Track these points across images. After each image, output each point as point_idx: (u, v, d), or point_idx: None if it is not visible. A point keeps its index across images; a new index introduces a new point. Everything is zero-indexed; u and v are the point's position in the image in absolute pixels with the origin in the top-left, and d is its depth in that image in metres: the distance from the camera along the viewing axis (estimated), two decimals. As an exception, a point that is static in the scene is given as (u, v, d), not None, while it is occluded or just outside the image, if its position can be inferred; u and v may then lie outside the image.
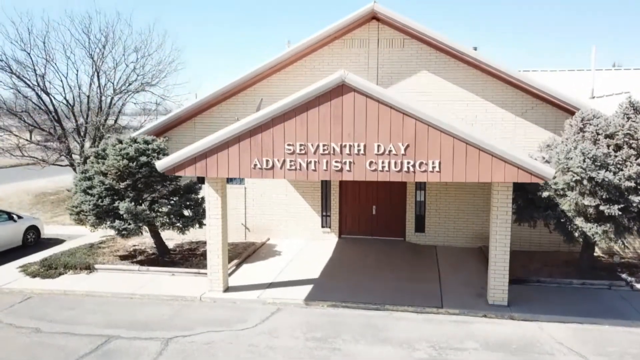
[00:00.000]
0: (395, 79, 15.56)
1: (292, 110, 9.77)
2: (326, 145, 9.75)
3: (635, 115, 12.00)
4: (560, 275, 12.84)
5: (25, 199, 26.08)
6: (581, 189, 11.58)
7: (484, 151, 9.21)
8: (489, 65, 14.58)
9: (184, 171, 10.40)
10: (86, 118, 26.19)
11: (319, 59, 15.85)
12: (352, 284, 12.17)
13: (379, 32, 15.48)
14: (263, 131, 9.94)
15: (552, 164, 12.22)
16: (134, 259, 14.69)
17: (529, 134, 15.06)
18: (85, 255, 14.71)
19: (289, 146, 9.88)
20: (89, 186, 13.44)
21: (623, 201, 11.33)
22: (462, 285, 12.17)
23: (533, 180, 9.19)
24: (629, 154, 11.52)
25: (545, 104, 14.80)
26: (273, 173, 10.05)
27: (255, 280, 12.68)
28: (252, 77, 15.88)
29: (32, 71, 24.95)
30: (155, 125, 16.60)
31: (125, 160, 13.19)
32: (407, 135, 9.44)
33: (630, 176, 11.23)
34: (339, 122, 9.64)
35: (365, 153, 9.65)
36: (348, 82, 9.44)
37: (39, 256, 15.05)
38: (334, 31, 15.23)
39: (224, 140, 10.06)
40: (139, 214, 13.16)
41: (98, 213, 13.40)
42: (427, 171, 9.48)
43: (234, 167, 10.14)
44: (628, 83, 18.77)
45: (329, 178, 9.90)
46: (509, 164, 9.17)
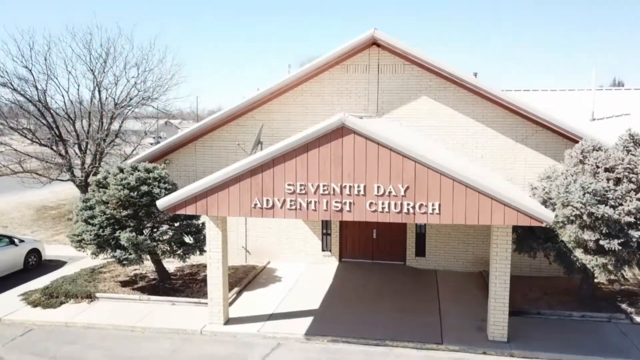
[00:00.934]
0: (396, 105, 15.58)
1: (292, 151, 9.81)
2: (326, 186, 9.79)
3: (635, 148, 12.02)
4: (561, 305, 12.86)
5: (27, 213, 26.13)
6: (581, 223, 11.61)
7: (484, 194, 9.24)
8: (488, 91, 14.61)
9: (185, 209, 10.43)
10: (87, 133, 26.25)
11: (319, 84, 15.89)
12: (352, 316, 12.20)
13: (379, 57, 15.51)
14: (264, 171, 9.97)
15: (552, 196, 12.26)
16: (135, 285, 14.73)
17: (530, 159, 15.09)
18: (86, 281, 14.75)
19: (289, 186, 9.92)
20: (90, 215, 13.47)
21: (623, 236, 11.34)
22: (462, 317, 12.19)
23: (533, 223, 9.22)
24: (628, 189, 11.54)
25: (546, 130, 14.81)
26: (273, 212, 10.09)
27: (256, 311, 12.71)
28: (253, 103, 15.94)
29: (34, 87, 25.05)
30: (156, 149, 16.67)
31: (126, 190, 13.23)
32: (407, 177, 9.47)
33: (630, 211, 11.25)
34: (339, 163, 9.67)
35: (365, 194, 9.69)
36: (348, 124, 9.47)
37: (40, 282, 15.11)
38: (334, 57, 15.28)
39: (225, 179, 10.09)
40: (140, 244, 13.19)
41: (99, 243, 13.43)
42: (426, 213, 9.51)
43: (234, 206, 10.17)
44: (628, 104, 18.79)
45: (329, 218, 9.94)
46: (508, 207, 9.20)
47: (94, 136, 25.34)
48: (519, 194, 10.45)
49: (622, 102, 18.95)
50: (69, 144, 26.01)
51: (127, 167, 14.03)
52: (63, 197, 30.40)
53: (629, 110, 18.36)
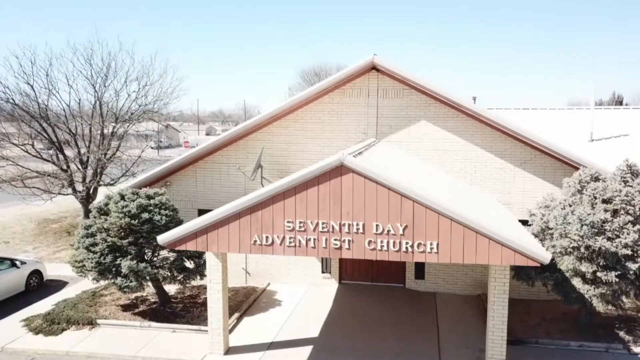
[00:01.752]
0: (395, 128, 15.67)
1: (292, 189, 9.90)
2: (325, 223, 9.88)
3: (632, 179, 12.09)
4: (559, 332, 12.95)
5: (28, 227, 26.24)
6: (578, 255, 11.68)
7: (481, 234, 9.32)
8: (487, 117, 14.70)
9: (185, 245, 10.53)
10: (88, 147, 26.36)
11: (318, 108, 15.97)
12: (351, 348, 12.26)
13: (378, 81, 15.59)
14: (263, 208, 10.06)
15: (550, 226, 12.34)
16: (136, 309, 14.83)
17: (528, 183, 15.17)
18: (87, 306, 14.85)
19: (288, 223, 10.01)
20: (91, 243, 13.56)
21: (620, 267, 11.42)
22: (460, 346, 12.27)
23: (530, 263, 9.31)
24: (625, 221, 11.61)
25: (544, 155, 14.89)
26: (273, 249, 10.18)
27: (256, 339, 12.80)
28: (253, 127, 16.05)
29: (35, 102, 25.16)
30: (156, 172, 16.76)
31: (127, 218, 13.33)
32: (406, 216, 9.56)
33: (627, 244, 11.32)
34: (338, 201, 9.76)
35: (364, 232, 9.78)
36: (347, 163, 9.56)
37: (42, 305, 15.21)
38: (334, 82, 15.39)
39: (225, 216, 10.18)
40: (141, 271, 13.29)
41: (100, 270, 13.53)
42: (425, 252, 9.59)
43: (234, 242, 10.26)
44: (628, 123, 18.87)
45: (328, 255, 10.03)
46: (506, 247, 9.28)
47: (95, 151, 25.44)
48: (517, 231, 10.54)
49: (621, 122, 19.04)
50: (70, 158, 26.14)
51: (128, 193, 14.12)
52: (64, 208, 30.49)
53: (628, 130, 18.44)
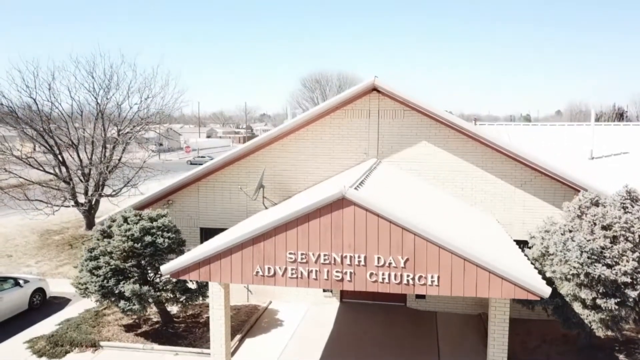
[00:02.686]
0: (396, 148, 15.77)
1: (294, 221, 9.98)
2: (327, 255, 9.96)
3: (632, 206, 12.17)
4: (559, 355, 13.04)
5: (31, 239, 26.34)
6: (578, 281, 11.76)
7: (482, 267, 9.40)
8: (486, 139, 14.79)
9: (188, 275, 10.62)
10: (90, 159, 26.51)
11: (320, 129, 16.07)
12: (353, 371, 12.38)
13: (379, 102, 15.69)
14: (265, 240, 10.15)
15: (550, 251, 12.43)
16: (139, 330, 14.94)
17: (528, 204, 15.25)
18: (90, 326, 14.95)
19: (290, 255, 10.10)
20: (94, 266, 13.66)
21: (619, 295, 11.50)
22: (461, 371, 12.38)
23: (530, 297, 9.39)
24: (625, 248, 11.69)
25: (544, 176, 14.97)
26: (275, 280, 10.27)
27: (258, 362, 12.91)
28: (255, 147, 16.18)
29: (38, 115, 25.34)
30: (159, 191, 16.87)
31: (130, 242, 13.44)
32: (407, 248, 9.64)
33: (626, 272, 11.40)
34: (339, 233, 9.85)
35: (365, 264, 9.86)
36: (348, 196, 9.65)
37: (45, 325, 15.32)
38: (335, 103, 15.51)
39: (227, 247, 10.27)
40: (144, 295, 13.39)
41: (104, 293, 13.64)
42: (426, 284, 9.68)
43: (236, 273, 10.35)
44: (628, 140, 18.94)
45: (330, 287, 10.12)
46: (506, 280, 9.36)
47: (96, 164, 25.60)
48: (517, 261, 10.61)
49: (621, 138, 19.10)
50: (72, 169, 26.31)
51: (131, 216, 14.23)
52: (66, 218, 30.57)
53: (628, 147, 18.51)
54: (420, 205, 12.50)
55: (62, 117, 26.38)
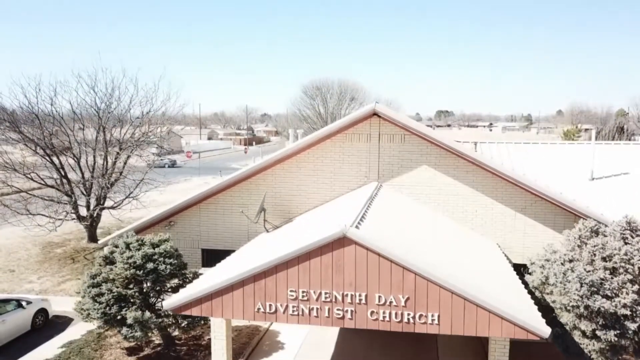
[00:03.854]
0: (396, 172, 15.84)
1: (295, 259, 10.06)
2: (328, 293, 10.04)
3: (632, 237, 12.22)
4: (559, 382, 13.09)
5: (32, 252, 26.42)
6: (577, 313, 11.83)
7: (482, 307, 9.48)
8: (487, 165, 14.86)
9: (191, 311, 10.70)
10: (92, 172, 26.62)
11: (321, 152, 16.15)
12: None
13: (380, 127, 15.75)
14: (266, 277, 10.23)
15: (550, 282, 12.49)
16: (141, 353, 15.03)
17: (528, 228, 15.33)
18: (92, 350, 15.06)
19: (291, 292, 10.18)
20: (97, 293, 13.74)
21: (619, 327, 11.57)
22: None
23: (529, 337, 9.47)
24: (625, 280, 11.75)
25: (544, 201, 15.03)
26: (276, 317, 10.35)
27: (260, 390, 12.99)
28: (257, 170, 16.26)
29: (40, 130, 25.43)
30: (161, 213, 17.00)
31: (132, 270, 13.53)
32: (407, 288, 9.72)
33: (626, 304, 11.46)
34: (340, 272, 9.93)
35: (366, 302, 9.94)
36: (349, 235, 9.72)
37: (48, 348, 15.44)
38: (337, 128, 15.60)
39: (229, 284, 10.35)
40: (146, 321, 13.48)
41: (106, 320, 13.72)
42: (426, 323, 9.76)
43: (237, 309, 10.44)
44: (628, 160, 18.94)
45: (331, 325, 10.20)
46: (506, 320, 9.44)
47: (98, 178, 25.71)
48: (517, 297, 10.68)
49: (622, 157, 19.10)
50: (74, 183, 26.44)
51: (133, 242, 14.30)
52: (68, 230, 30.62)
53: (629, 167, 18.52)
54: (420, 237, 12.57)
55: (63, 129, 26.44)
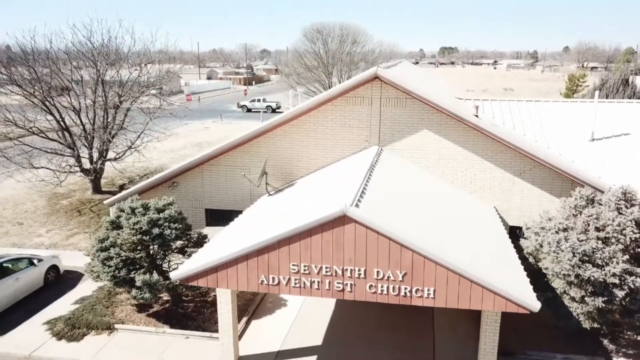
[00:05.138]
0: (397, 136, 15.90)
1: (297, 235, 10.39)
2: (329, 268, 10.45)
3: (626, 207, 12.48)
4: (549, 340, 13.81)
5: (39, 204, 26.91)
6: (568, 280, 12.33)
7: (475, 283, 9.90)
8: (487, 131, 14.89)
9: (197, 282, 11.17)
10: (93, 126, 26.62)
11: (322, 115, 16.13)
12: (352, 357, 13.21)
13: (381, 90, 15.64)
14: (269, 252, 10.61)
15: (544, 250, 12.92)
16: (150, 310, 15.73)
17: (526, 192, 15.59)
18: (104, 307, 15.74)
19: (293, 266, 10.59)
20: (106, 257, 14.23)
21: (607, 294, 12.09)
22: (454, 357, 13.19)
23: (520, 311, 9.95)
24: (616, 250, 12.14)
25: (542, 166, 15.19)
26: (279, 289, 10.83)
27: (264, 347, 13.72)
28: (258, 133, 16.32)
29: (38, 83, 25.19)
30: (164, 174, 17.21)
31: (139, 235, 13.95)
32: (405, 264, 10.11)
33: (615, 273, 11.92)
34: (340, 248, 10.28)
35: (365, 277, 10.37)
36: (349, 214, 9.99)
37: (61, 304, 16.15)
38: (338, 92, 15.51)
39: (233, 258, 10.75)
40: (155, 284, 14.06)
41: (116, 282, 14.31)
42: (422, 297, 10.23)
43: (242, 281, 10.90)
44: (630, 119, 18.86)
45: (332, 297, 10.69)
46: (498, 295, 9.89)
47: (99, 131, 25.76)
48: (511, 271, 11.08)
49: (624, 117, 19.00)
50: (75, 135, 26.53)
51: (138, 207, 14.64)
52: (72, 181, 30.99)
53: (630, 126, 18.49)
54: (419, 207, 12.85)
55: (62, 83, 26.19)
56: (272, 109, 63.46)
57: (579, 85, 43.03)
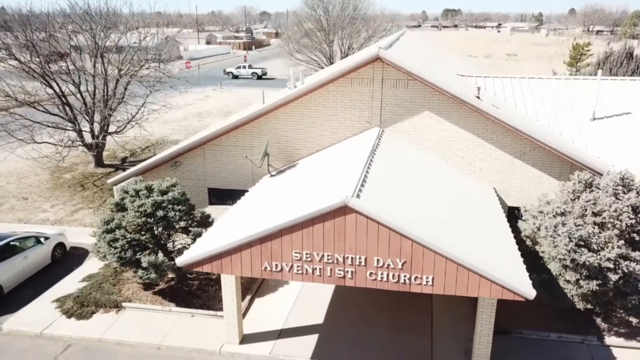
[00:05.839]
0: (398, 118, 15.94)
1: (299, 224, 10.61)
2: (330, 256, 10.72)
3: (624, 192, 12.65)
4: (543, 319, 14.20)
5: (43, 178, 27.12)
6: (564, 264, 12.63)
7: (473, 271, 10.18)
8: (489, 114, 14.92)
9: (202, 267, 11.47)
10: (93, 99, 26.55)
11: (324, 96, 16.12)
12: (352, 336, 13.66)
13: (383, 71, 15.58)
14: (272, 240, 10.86)
15: (541, 234, 13.18)
16: (156, 287, 16.14)
17: (525, 174, 15.75)
18: (111, 285, 16.14)
19: (296, 254, 10.86)
20: (112, 239, 14.52)
21: (601, 278, 12.41)
22: (451, 337, 13.64)
23: (515, 298, 10.25)
24: (612, 235, 12.39)
25: (542, 148, 15.28)
26: (282, 275, 11.14)
27: (267, 325, 14.17)
28: (260, 114, 16.34)
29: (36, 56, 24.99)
30: (167, 154, 17.33)
31: (143, 217, 14.21)
32: (404, 252, 10.37)
33: (610, 258, 12.20)
34: (342, 237, 10.52)
35: (365, 265, 10.65)
36: (350, 205, 10.19)
37: (69, 282, 16.57)
38: (339, 73, 15.47)
39: (237, 245, 11.01)
40: (160, 265, 14.41)
41: (122, 263, 14.65)
42: (421, 284, 10.54)
43: (246, 267, 11.20)
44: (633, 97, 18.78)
45: (333, 283, 11.00)
46: (494, 283, 10.18)
47: (100, 106, 25.73)
48: (508, 257, 11.35)
49: (627, 95, 18.91)
50: (76, 108, 26.51)
51: (142, 189, 14.84)
52: (74, 154, 31.13)
53: (633, 105, 18.43)
54: (419, 191, 13.03)
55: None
56: (257, 76, 64.17)
57: (583, 54, 42.51)
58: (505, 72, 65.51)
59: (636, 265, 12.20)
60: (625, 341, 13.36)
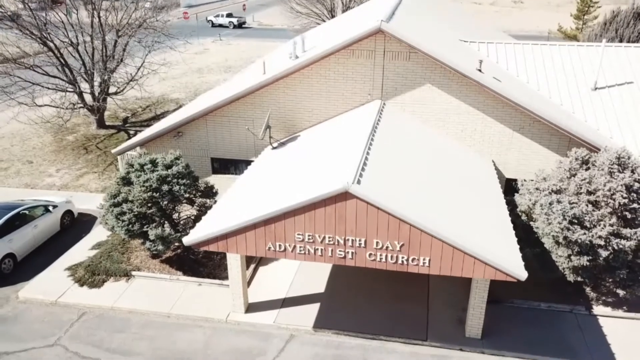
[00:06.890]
0: (400, 90, 15.99)
1: (301, 208, 10.98)
2: (331, 237, 11.16)
3: (620, 171, 12.90)
4: (535, 287, 14.73)
5: (46, 140, 27.25)
6: (557, 240, 13.09)
7: (468, 254, 10.64)
8: (489, 87, 14.97)
9: (208, 247, 11.95)
10: (92, 57, 26.32)
11: (325, 68, 16.10)
12: (352, 305, 14.35)
13: (385, 44, 15.49)
14: (276, 222, 11.27)
15: (536, 211, 13.57)
16: (163, 256, 16.73)
17: (524, 147, 15.98)
18: (120, 254, 16.72)
19: (298, 235, 11.30)
20: (119, 212, 14.95)
21: (592, 254, 12.90)
22: (446, 305, 14.31)
23: (508, 279, 10.77)
24: (605, 213, 12.77)
25: (540, 123, 15.42)
26: (285, 255, 11.63)
27: (271, 294, 14.84)
28: (261, 86, 16.37)
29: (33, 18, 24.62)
30: (169, 125, 17.51)
31: (149, 192, 14.58)
32: (402, 236, 10.79)
33: (601, 236, 12.64)
34: (342, 221, 10.91)
35: (365, 246, 11.10)
36: (351, 191, 10.52)
37: (79, 250, 17.15)
38: (341, 45, 15.38)
39: (242, 227, 11.43)
40: (167, 237, 14.91)
41: (130, 236, 15.16)
42: (418, 265, 11.03)
43: (251, 247, 11.67)
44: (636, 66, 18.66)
45: (334, 263, 11.50)
46: (488, 265, 10.67)
47: (99, 67, 25.56)
48: (502, 238, 11.78)
49: (630, 63, 18.75)
50: (76, 69, 26.36)
51: (146, 162, 15.12)
52: (75, 114, 31.12)
53: (634, 75, 18.34)
54: (418, 168, 13.31)
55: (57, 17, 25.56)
56: (234, 25, 64.46)
57: (590, 6, 41.41)
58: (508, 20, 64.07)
59: (627, 242, 12.64)
60: (612, 310, 14.04)
